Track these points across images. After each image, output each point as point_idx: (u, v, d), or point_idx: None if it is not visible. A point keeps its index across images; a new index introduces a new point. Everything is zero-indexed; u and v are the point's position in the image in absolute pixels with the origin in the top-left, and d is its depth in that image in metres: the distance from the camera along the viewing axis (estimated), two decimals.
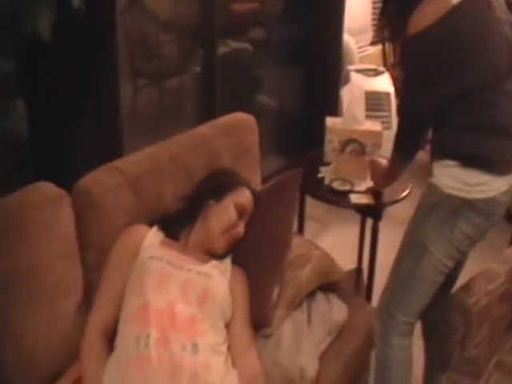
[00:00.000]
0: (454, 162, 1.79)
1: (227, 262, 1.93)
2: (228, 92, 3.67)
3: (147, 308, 1.63)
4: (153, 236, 1.87)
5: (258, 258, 1.96)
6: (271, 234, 1.99)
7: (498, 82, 1.78)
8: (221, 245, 1.91)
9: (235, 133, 2.31)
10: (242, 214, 1.96)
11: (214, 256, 1.91)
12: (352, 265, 3.12)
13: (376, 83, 3.96)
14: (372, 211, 2.62)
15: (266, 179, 2.55)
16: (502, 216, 1.90)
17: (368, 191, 2.52)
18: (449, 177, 1.80)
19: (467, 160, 1.77)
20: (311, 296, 2.07)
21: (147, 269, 1.73)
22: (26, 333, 1.65)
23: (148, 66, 3.71)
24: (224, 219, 1.92)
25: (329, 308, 2.06)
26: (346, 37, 4.19)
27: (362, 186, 2.54)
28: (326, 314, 2.03)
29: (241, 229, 1.95)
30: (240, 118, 2.39)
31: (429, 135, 1.97)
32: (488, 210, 1.80)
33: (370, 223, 2.67)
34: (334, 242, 3.34)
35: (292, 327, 1.91)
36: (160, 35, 3.69)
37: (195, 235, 1.92)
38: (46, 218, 1.73)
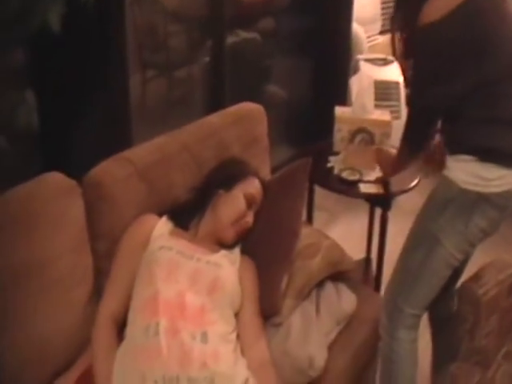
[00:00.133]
0: (470, 157, 1.77)
1: (236, 251, 1.94)
2: (237, 82, 3.66)
3: (157, 298, 1.64)
4: (162, 226, 1.88)
5: (267, 247, 1.96)
6: (280, 223, 1.99)
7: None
8: (230, 234, 1.91)
9: (244, 122, 2.31)
10: (251, 203, 1.97)
11: (223, 246, 1.92)
12: (361, 254, 3.12)
13: (385, 73, 3.94)
14: (381, 201, 2.62)
15: (275, 169, 2.55)
16: None
17: (377, 181, 2.52)
18: (464, 171, 1.78)
19: (484, 154, 1.75)
20: (320, 286, 2.07)
21: (157, 259, 1.74)
22: (38, 323, 1.66)
23: (157, 56, 3.70)
24: (233, 209, 1.93)
25: (338, 298, 2.06)
26: (355, 26, 4.16)
27: (371, 175, 2.54)
28: (335, 303, 2.04)
29: (250, 218, 1.96)
30: (249, 108, 2.39)
31: (438, 126, 1.95)
32: (503, 203, 1.79)
33: (379, 213, 2.68)
34: (343, 231, 3.34)
35: (301, 317, 1.92)
36: (169, 26, 3.68)
37: (205, 225, 1.93)
38: (57, 208, 1.74)
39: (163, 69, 3.73)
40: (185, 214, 1.97)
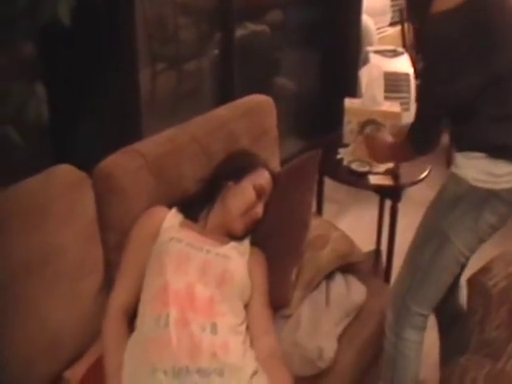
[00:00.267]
0: (481, 154, 1.75)
1: (246, 243, 1.94)
2: (246, 75, 3.66)
3: (167, 289, 1.64)
4: (172, 218, 1.88)
5: (277, 239, 1.97)
6: (290, 215, 1.99)
7: None
8: (240, 226, 1.92)
9: (254, 114, 2.31)
10: (260, 195, 1.96)
11: (232, 237, 1.92)
12: (371, 246, 3.12)
13: (395, 64, 3.93)
14: (391, 192, 2.61)
15: (284, 161, 2.55)
16: None
17: (387, 172, 2.52)
18: (475, 169, 1.76)
19: (496, 151, 1.73)
20: (330, 277, 2.08)
21: (167, 250, 1.75)
22: (49, 313, 1.67)
23: (166, 49, 3.71)
24: (243, 200, 1.93)
25: (347, 289, 2.07)
26: (364, 18, 4.15)
27: (381, 167, 2.53)
28: (345, 295, 2.04)
29: (259, 210, 1.96)
30: (258, 100, 2.39)
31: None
32: None
33: (388, 204, 2.67)
34: (353, 223, 3.34)
35: (311, 308, 1.92)
36: (178, 19, 3.69)
37: (214, 217, 1.94)
38: (67, 200, 1.75)
39: (173, 62, 3.73)
40: (194, 206, 1.97)
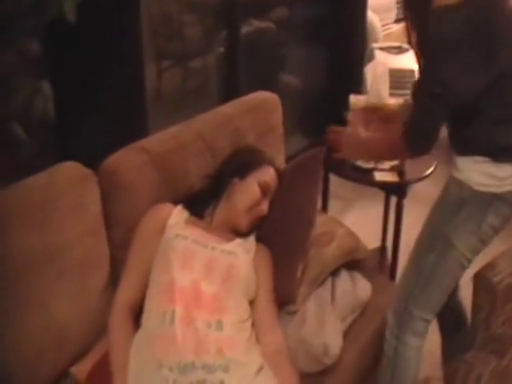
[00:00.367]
0: (483, 158, 1.72)
1: (251, 240, 1.94)
2: (252, 71, 3.66)
3: (173, 285, 1.65)
4: (178, 214, 1.88)
5: (283, 235, 1.97)
6: (295, 211, 2.00)
7: None
8: (245, 223, 1.92)
9: (259, 111, 2.31)
10: (265, 191, 1.97)
11: (238, 234, 1.92)
12: (376, 243, 3.12)
13: (400, 61, 3.92)
14: (396, 189, 2.61)
15: (290, 158, 2.55)
16: None
17: (392, 169, 2.51)
18: (478, 173, 1.74)
19: (500, 154, 1.71)
20: (335, 274, 2.08)
21: (172, 247, 1.75)
22: (56, 308, 1.68)
23: (172, 46, 3.71)
24: (248, 197, 1.93)
25: (353, 286, 2.07)
26: (370, 14, 4.14)
27: (386, 163, 2.53)
28: (350, 291, 2.04)
29: (265, 207, 1.96)
30: (264, 97, 2.40)
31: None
32: None
33: (394, 201, 2.67)
34: (359, 220, 3.34)
35: (316, 304, 1.92)
36: (183, 16, 3.69)
37: (219, 213, 1.94)
38: (73, 196, 1.75)
39: (178, 58, 3.74)
40: (200, 203, 1.97)
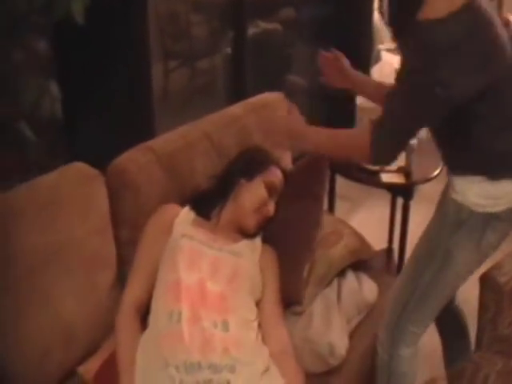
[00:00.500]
0: (480, 178, 1.67)
1: (258, 240, 1.94)
2: (258, 72, 3.67)
3: (179, 284, 1.65)
4: (185, 215, 1.89)
5: (289, 236, 1.97)
6: (301, 212, 2.00)
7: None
8: (251, 223, 1.92)
9: (266, 111, 2.32)
10: (272, 192, 1.97)
11: (244, 235, 1.92)
12: (383, 244, 3.11)
13: None
14: (403, 190, 2.61)
15: (296, 159, 2.55)
16: None
17: (399, 170, 2.51)
18: (475, 193, 1.69)
19: (496, 172, 1.67)
20: (342, 274, 2.08)
21: (179, 247, 1.76)
22: (63, 306, 1.69)
23: (179, 47, 3.73)
24: (255, 198, 1.93)
25: (359, 287, 2.07)
26: (376, 15, 4.14)
27: (393, 164, 2.53)
28: (357, 292, 2.04)
29: (271, 207, 1.96)
30: (271, 97, 2.40)
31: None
32: None
33: (401, 202, 2.67)
34: (365, 221, 3.34)
35: (323, 305, 1.92)
36: (190, 16, 3.70)
37: (226, 214, 1.94)
38: (81, 196, 1.77)
39: (185, 59, 3.75)
40: (206, 204, 1.97)
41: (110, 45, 2.29)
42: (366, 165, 2.42)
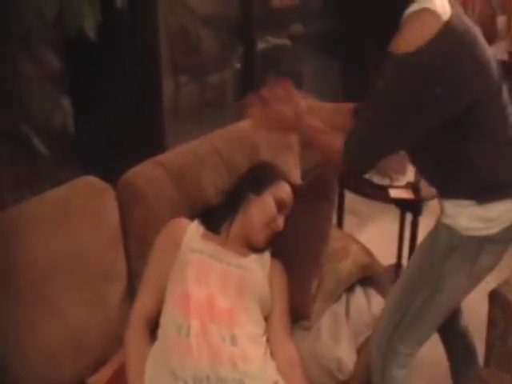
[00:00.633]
0: (470, 202, 1.61)
1: (266, 255, 1.94)
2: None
3: (188, 299, 1.66)
4: (194, 229, 1.90)
5: (298, 251, 1.97)
6: (310, 227, 2.00)
7: (499, 98, 1.61)
8: (260, 238, 1.92)
9: None
10: (281, 207, 1.97)
11: (253, 249, 1.93)
12: (391, 260, 3.11)
13: None
14: (412, 206, 2.61)
15: (306, 173, 2.56)
16: None
17: (408, 186, 2.51)
18: (466, 218, 1.63)
19: (484, 195, 1.61)
20: (350, 290, 2.08)
21: (188, 261, 1.77)
22: (73, 317, 1.71)
23: (189, 62, 3.75)
24: (264, 213, 1.93)
25: (367, 302, 2.07)
26: None
27: (402, 180, 2.53)
28: (365, 308, 2.04)
29: (280, 222, 1.97)
30: None
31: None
32: (508, 236, 1.67)
33: (409, 218, 2.66)
34: (374, 236, 3.33)
35: (331, 320, 1.92)
36: (200, 32, 3.73)
37: (235, 228, 1.95)
38: (92, 209, 1.79)
39: (195, 74, 3.78)
40: (216, 218, 1.98)
41: (121, 60, 2.31)
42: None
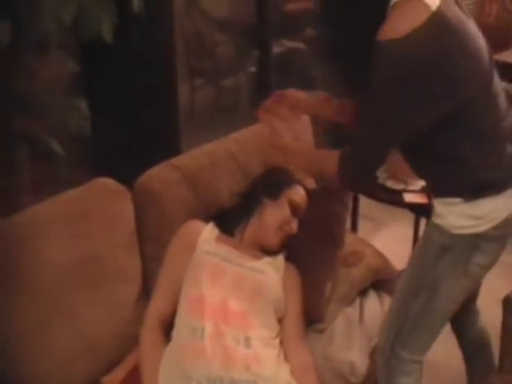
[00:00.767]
0: (458, 199, 1.59)
1: (281, 258, 1.95)
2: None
3: (202, 301, 1.67)
4: (209, 232, 1.90)
5: (312, 254, 1.98)
6: (324, 231, 2.01)
7: (488, 91, 1.57)
8: (274, 241, 1.93)
9: None
10: (295, 211, 1.97)
11: (267, 252, 1.93)
12: (405, 264, 3.09)
13: None
14: (426, 210, 2.59)
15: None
16: None
17: (422, 190, 2.51)
18: (455, 216, 1.61)
19: (475, 192, 1.58)
20: (364, 294, 2.08)
21: (203, 263, 1.78)
22: (88, 318, 1.72)
23: (204, 66, 3.77)
24: (278, 216, 1.94)
25: (381, 306, 2.07)
26: None
27: (416, 184, 2.52)
28: (378, 312, 2.04)
29: (294, 225, 1.97)
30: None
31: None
32: (502, 233, 1.64)
33: (424, 222, 2.65)
34: (388, 241, 3.32)
35: (344, 323, 1.93)
36: (216, 36, 3.75)
37: (250, 232, 1.95)
38: (107, 211, 1.81)
39: (210, 78, 3.79)
40: (231, 221, 1.99)
41: (136, 63, 2.33)
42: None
